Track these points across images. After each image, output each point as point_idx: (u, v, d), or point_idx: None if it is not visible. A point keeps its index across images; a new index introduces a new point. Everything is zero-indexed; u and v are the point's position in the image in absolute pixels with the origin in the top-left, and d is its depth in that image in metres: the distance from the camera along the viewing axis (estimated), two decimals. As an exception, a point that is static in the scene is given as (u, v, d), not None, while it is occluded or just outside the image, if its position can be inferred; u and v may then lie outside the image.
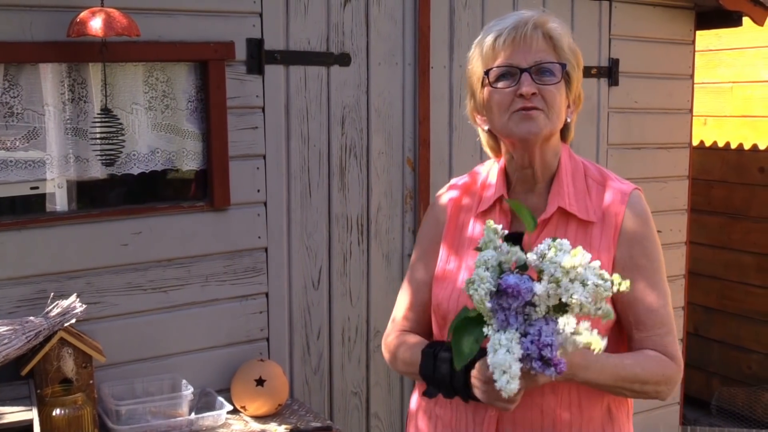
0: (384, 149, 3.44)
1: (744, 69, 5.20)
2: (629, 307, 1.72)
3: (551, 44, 1.70)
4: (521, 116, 1.68)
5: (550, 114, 1.69)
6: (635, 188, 1.79)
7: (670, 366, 1.72)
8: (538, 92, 1.67)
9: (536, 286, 1.46)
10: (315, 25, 3.22)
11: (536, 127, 1.68)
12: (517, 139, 1.71)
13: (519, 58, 1.68)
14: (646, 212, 1.77)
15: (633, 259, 1.72)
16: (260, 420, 2.96)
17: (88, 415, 2.51)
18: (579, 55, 1.75)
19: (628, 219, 1.73)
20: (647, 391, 1.70)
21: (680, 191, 4.41)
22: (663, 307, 1.73)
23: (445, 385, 1.67)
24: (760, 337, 5.09)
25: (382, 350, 1.95)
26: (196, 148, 3.03)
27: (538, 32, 1.69)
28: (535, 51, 1.68)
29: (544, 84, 1.68)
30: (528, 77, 1.67)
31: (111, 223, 2.86)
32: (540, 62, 1.68)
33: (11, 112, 2.68)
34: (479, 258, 1.50)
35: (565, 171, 1.77)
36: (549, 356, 1.43)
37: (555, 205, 1.73)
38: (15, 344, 2.47)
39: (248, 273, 3.15)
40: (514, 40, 1.68)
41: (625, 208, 1.74)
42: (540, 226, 1.72)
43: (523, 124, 1.68)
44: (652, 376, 1.69)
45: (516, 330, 1.46)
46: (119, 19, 2.51)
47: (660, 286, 1.74)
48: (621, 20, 4.05)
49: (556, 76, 1.69)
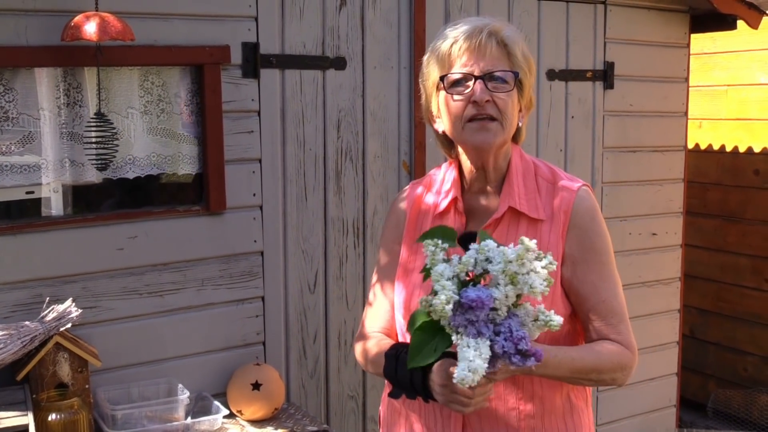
0: (380, 153, 3.44)
1: (739, 72, 5.21)
2: (583, 300, 1.79)
3: (505, 52, 1.77)
4: (476, 127, 1.76)
5: (504, 122, 1.77)
6: (584, 184, 1.85)
7: (624, 354, 1.77)
8: (491, 99, 1.74)
9: (494, 291, 1.50)
10: (310, 28, 3.22)
11: (490, 137, 1.76)
12: (471, 147, 1.80)
13: (473, 65, 1.75)
14: (593, 207, 1.83)
15: (582, 253, 1.79)
16: (256, 424, 2.95)
17: (83, 420, 2.51)
18: (531, 61, 1.82)
19: (576, 214, 1.79)
20: (604, 380, 1.77)
21: (675, 194, 4.42)
22: (614, 297, 1.80)
23: (406, 386, 1.73)
24: (756, 340, 5.10)
25: (355, 353, 2.02)
26: (191, 152, 3.03)
27: (492, 40, 1.76)
28: (489, 59, 1.75)
29: (497, 91, 1.75)
30: (481, 84, 1.74)
31: (106, 227, 2.86)
32: (493, 70, 1.75)
33: (6, 116, 2.68)
34: (435, 272, 1.52)
35: (516, 171, 1.84)
36: (526, 348, 1.49)
37: (506, 205, 1.81)
38: (10, 349, 2.46)
39: (244, 277, 3.15)
40: (469, 47, 1.75)
41: (573, 204, 1.80)
42: (492, 225, 1.81)
43: (478, 134, 1.77)
44: (607, 365, 1.75)
45: (487, 336, 1.50)
46: (114, 23, 2.51)
47: (610, 277, 1.81)
48: (616, 23, 4.06)
49: (509, 83, 1.76)
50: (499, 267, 1.51)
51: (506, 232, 1.80)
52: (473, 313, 1.49)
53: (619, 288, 1.82)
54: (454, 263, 1.54)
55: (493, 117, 1.75)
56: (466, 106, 1.76)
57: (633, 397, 4.33)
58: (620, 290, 1.82)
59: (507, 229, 1.81)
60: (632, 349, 1.80)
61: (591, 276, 1.78)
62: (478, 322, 1.50)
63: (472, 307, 1.48)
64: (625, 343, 1.78)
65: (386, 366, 1.79)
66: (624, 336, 1.79)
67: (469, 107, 1.76)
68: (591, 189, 1.86)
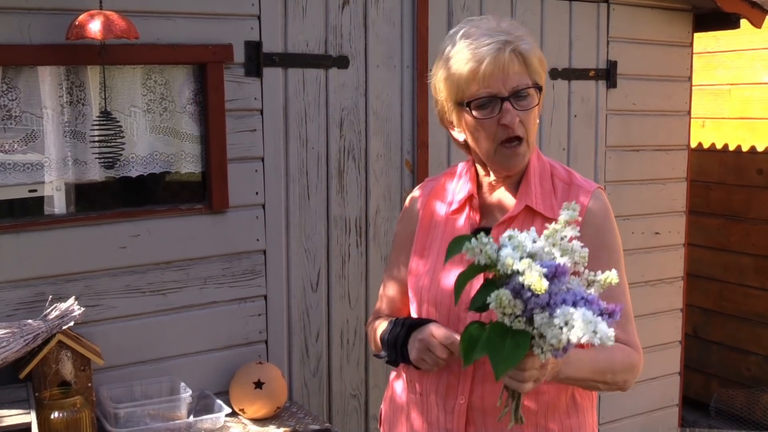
0: (382, 151, 3.44)
1: (742, 71, 5.20)
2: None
3: (524, 65, 1.73)
4: (509, 153, 1.76)
5: (530, 138, 1.77)
6: (598, 187, 1.86)
7: (632, 354, 1.79)
8: (519, 119, 1.73)
9: (559, 260, 1.49)
10: (313, 27, 3.22)
11: (521, 161, 1.78)
12: (503, 168, 1.81)
13: (498, 85, 1.71)
14: (606, 207, 1.84)
15: (594, 250, 1.77)
16: (259, 423, 2.96)
17: (86, 418, 2.51)
18: (545, 62, 1.80)
19: (590, 213, 1.80)
20: (616, 381, 1.77)
21: (678, 193, 4.41)
22: (622, 296, 1.80)
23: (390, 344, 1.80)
24: (759, 339, 5.09)
25: (368, 340, 2.08)
26: (194, 150, 3.03)
27: (514, 57, 1.71)
28: (512, 76, 1.71)
29: (524, 109, 1.73)
30: (509, 106, 1.72)
31: (109, 225, 2.86)
32: (517, 88, 1.72)
33: (9, 114, 2.68)
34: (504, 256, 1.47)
35: (533, 172, 1.84)
36: (605, 306, 1.45)
37: (523, 203, 1.82)
38: (13, 347, 2.46)
39: (247, 275, 3.15)
40: (493, 68, 1.70)
41: (587, 204, 1.81)
42: (507, 222, 1.81)
43: (510, 160, 1.78)
44: (621, 365, 1.76)
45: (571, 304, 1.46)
46: (118, 21, 2.51)
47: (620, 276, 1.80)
48: (619, 22, 4.06)
49: (534, 98, 1.75)
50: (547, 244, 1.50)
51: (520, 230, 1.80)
52: (562, 279, 1.46)
53: (626, 290, 1.83)
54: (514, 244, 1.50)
55: (520, 137, 1.75)
56: (496, 128, 1.73)
57: (635, 396, 4.33)
58: (627, 292, 1.83)
59: (521, 227, 1.79)
60: (638, 351, 1.81)
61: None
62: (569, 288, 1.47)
63: (559, 274, 1.46)
64: (631, 344, 1.79)
65: (384, 329, 1.86)
66: (631, 336, 1.80)
67: (500, 130, 1.73)
68: (604, 191, 1.88)
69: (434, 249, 1.89)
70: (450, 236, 1.84)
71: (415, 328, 1.78)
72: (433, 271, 1.85)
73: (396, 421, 1.97)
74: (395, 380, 2.00)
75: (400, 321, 1.84)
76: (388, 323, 1.88)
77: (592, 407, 1.91)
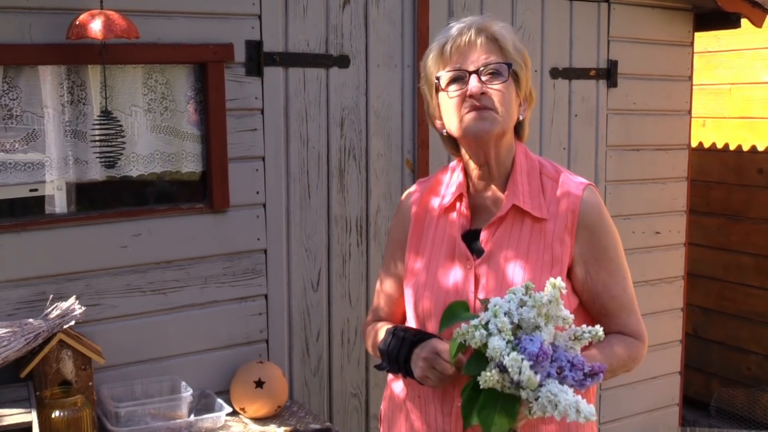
0: (383, 151, 3.44)
1: (742, 70, 5.21)
2: (594, 297, 1.84)
3: (497, 46, 1.80)
4: (473, 117, 1.78)
5: (501, 112, 1.78)
6: (589, 184, 1.87)
7: (636, 344, 1.86)
8: (487, 92, 1.77)
9: (542, 335, 1.56)
10: (314, 26, 3.22)
11: (488, 125, 1.78)
12: (471, 138, 1.81)
13: (466, 62, 1.79)
14: (600, 205, 1.86)
15: (593, 253, 1.83)
16: (259, 422, 2.96)
17: (87, 417, 2.51)
18: (526, 54, 1.84)
19: (584, 214, 1.82)
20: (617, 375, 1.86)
21: (679, 192, 4.41)
22: (624, 291, 1.86)
23: (392, 358, 1.82)
24: (760, 339, 5.09)
25: (364, 340, 2.10)
26: (195, 150, 3.03)
27: (482, 36, 1.79)
28: (480, 53, 1.78)
29: (491, 83, 1.77)
30: (475, 78, 1.77)
31: (110, 225, 2.86)
32: (486, 63, 1.77)
33: (10, 114, 2.68)
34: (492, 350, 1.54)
35: (520, 170, 1.86)
36: (590, 368, 1.56)
37: (510, 203, 1.83)
38: (14, 346, 2.46)
39: (247, 275, 3.16)
40: (459, 46, 1.79)
41: (580, 203, 1.82)
42: (496, 223, 1.83)
43: (475, 123, 1.79)
44: (629, 355, 1.84)
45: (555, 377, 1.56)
46: (118, 21, 2.51)
47: (620, 272, 1.86)
48: (620, 22, 4.06)
49: (503, 75, 1.78)
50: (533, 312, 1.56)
51: (510, 230, 1.82)
52: (545, 362, 1.53)
53: (628, 280, 1.88)
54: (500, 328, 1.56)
55: (488, 108, 1.77)
56: (463, 101, 1.79)
57: (636, 395, 4.33)
58: (629, 282, 1.88)
59: (511, 228, 1.83)
60: (642, 338, 1.87)
61: (602, 275, 1.83)
62: (552, 368, 1.55)
63: (541, 358, 1.52)
64: (635, 334, 1.85)
65: (383, 340, 1.88)
66: (634, 327, 1.86)
67: (466, 101, 1.78)
68: (595, 187, 1.88)
69: (428, 246, 1.91)
70: (443, 236, 1.88)
71: (416, 344, 1.79)
72: (429, 268, 1.88)
73: (395, 420, 1.98)
74: (393, 381, 2.01)
75: (399, 334, 1.84)
76: (386, 333, 1.89)
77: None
